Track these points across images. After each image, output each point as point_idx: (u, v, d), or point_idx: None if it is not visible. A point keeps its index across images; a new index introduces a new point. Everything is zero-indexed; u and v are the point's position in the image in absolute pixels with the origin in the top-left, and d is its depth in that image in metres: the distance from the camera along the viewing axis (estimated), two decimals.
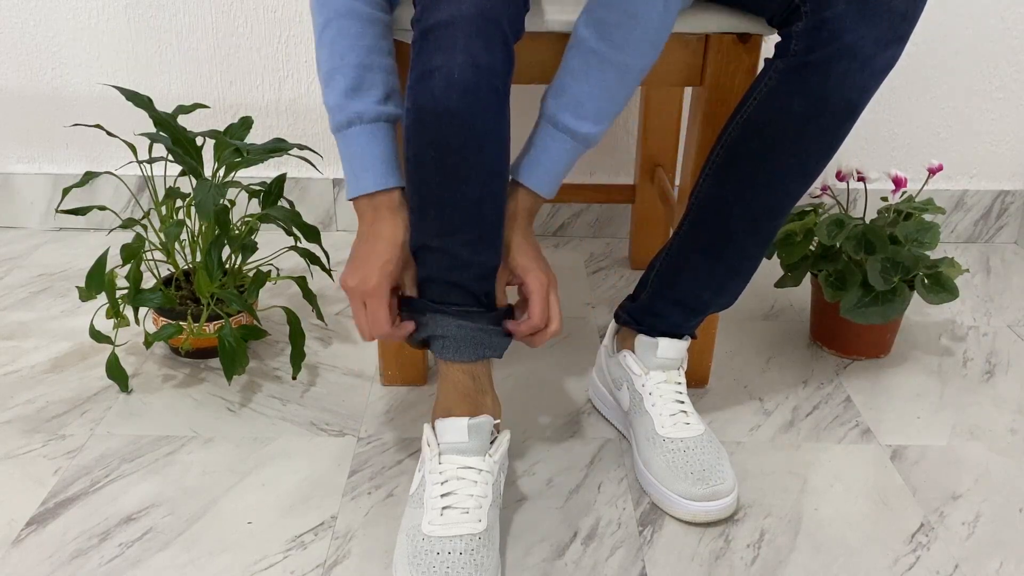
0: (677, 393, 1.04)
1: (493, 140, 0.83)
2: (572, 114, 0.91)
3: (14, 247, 1.62)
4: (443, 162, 0.83)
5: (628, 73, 0.90)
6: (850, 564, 0.92)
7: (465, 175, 0.83)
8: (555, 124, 0.91)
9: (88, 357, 1.26)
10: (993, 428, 1.15)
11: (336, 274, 1.53)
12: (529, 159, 0.93)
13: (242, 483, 1.02)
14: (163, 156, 1.22)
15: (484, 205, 0.86)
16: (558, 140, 0.92)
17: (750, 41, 1.00)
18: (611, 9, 0.88)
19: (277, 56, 1.58)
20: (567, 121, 0.91)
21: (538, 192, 0.94)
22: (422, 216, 0.87)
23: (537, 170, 0.93)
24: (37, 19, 1.56)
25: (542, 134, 0.93)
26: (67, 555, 0.91)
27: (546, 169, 0.93)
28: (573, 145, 0.92)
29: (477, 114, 0.81)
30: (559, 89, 0.91)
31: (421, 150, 0.83)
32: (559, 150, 0.92)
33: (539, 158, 0.93)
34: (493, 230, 0.88)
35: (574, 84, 0.90)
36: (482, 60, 0.80)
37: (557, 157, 0.93)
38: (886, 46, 0.85)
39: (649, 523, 0.97)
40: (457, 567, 0.83)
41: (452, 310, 0.90)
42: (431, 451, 0.91)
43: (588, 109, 0.91)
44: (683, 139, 1.48)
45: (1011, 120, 1.65)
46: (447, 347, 0.92)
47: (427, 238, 0.88)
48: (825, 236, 1.22)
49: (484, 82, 0.80)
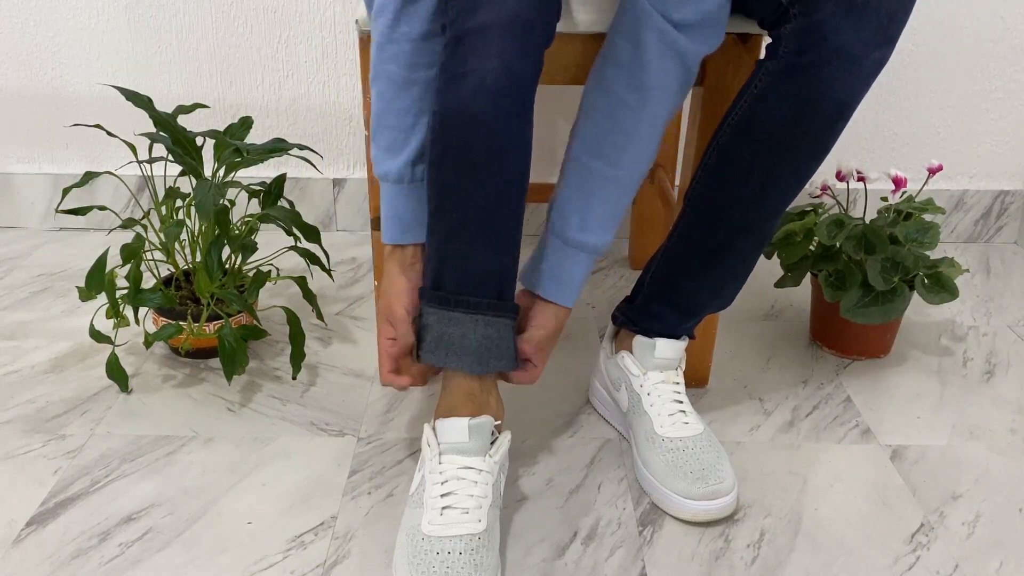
0: (676, 393, 1.04)
1: (517, 145, 0.84)
2: (579, 229, 0.94)
3: (14, 247, 1.63)
4: (466, 165, 0.83)
5: (626, 185, 0.94)
6: (850, 564, 0.92)
7: (487, 179, 0.84)
8: (565, 241, 0.95)
9: (88, 357, 1.26)
10: (993, 428, 1.15)
11: (336, 274, 1.53)
12: (549, 276, 0.97)
13: (242, 483, 1.02)
14: (163, 156, 1.22)
15: (503, 209, 0.86)
16: (571, 255, 0.96)
17: (750, 41, 1.00)
18: (601, 129, 0.92)
19: (277, 56, 1.58)
20: (576, 236, 0.94)
21: (566, 306, 0.97)
22: (440, 216, 0.87)
23: (562, 288, 0.97)
24: (37, 19, 1.56)
25: (556, 251, 0.96)
26: (67, 555, 0.91)
27: (568, 284, 0.97)
28: (587, 256, 0.96)
29: (504, 119, 0.81)
30: (563, 206, 0.95)
31: (445, 152, 0.84)
32: (576, 264, 0.96)
33: (560, 275, 0.96)
34: (510, 234, 0.88)
35: (576, 200, 0.94)
36: (515, 66, 0.80)
37: (575, 271, 0.96)
38: (875, 47, 0.85)
39: (649, 523, 0.97)
40: (457, 567, 0.83)
41: (467, 302, 0.90)
42: (431, 451, 0.91)
43: (593, 222, 0.94)
44: (683, 139, 1.48)
45: (1011, 120, 1.65)
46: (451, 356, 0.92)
47: (446, 240, 0.88)
48: (825, 236, 1.22)
49: (514, 88, 0.80)
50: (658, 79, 0.90)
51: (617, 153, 0.92)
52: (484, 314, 0.90)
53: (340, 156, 1.67)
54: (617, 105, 0.91)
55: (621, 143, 0.92)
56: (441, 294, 0.90)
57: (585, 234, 0.94)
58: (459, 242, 0.87)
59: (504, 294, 0.91)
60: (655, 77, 0.90)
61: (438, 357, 0.92)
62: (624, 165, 0.93)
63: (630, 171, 0.94)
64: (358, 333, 1.34)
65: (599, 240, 0.95)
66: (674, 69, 0.90)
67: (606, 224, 0.95)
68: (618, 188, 0.94)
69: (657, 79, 0.90)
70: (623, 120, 0.91)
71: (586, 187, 0.94)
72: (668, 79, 0.90)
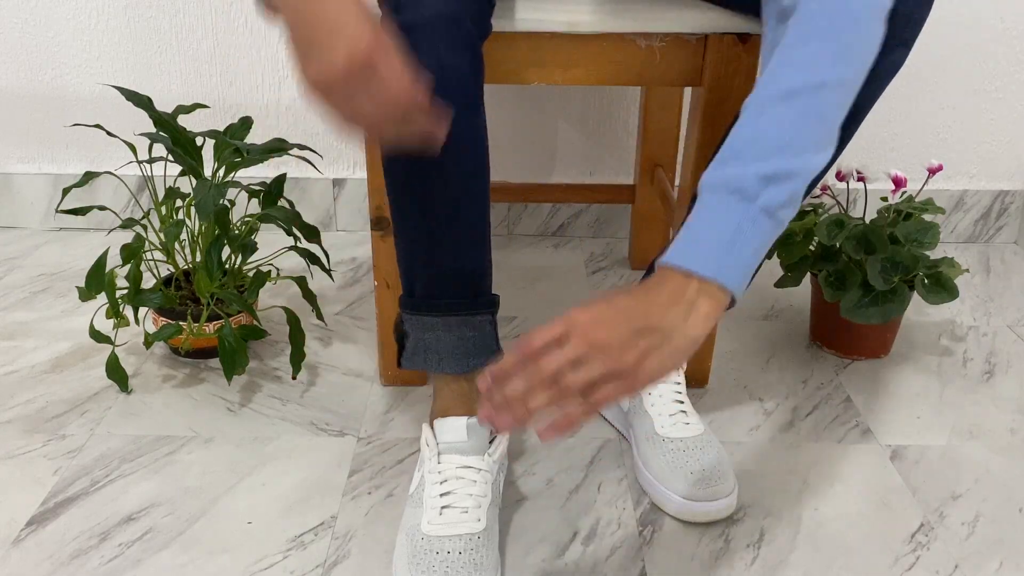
0: (676, 393, 1.04)
1: (468, 140, 0.83)
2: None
3: (14, 247, 1.62)
4: (419, 167, 0.83)
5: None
6: (850, 564, 0.92)
7: (440, 178, 0.83)
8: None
9: (88, 357, 1.26)
10: (993, 428, 1.15)
11: (336, 274, 1.53)
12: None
13: (242, 483, 1.02)
14: (163, 156, 1.22)
15: (463, 206, 0.86)
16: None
17: (750, 41, 1.00)
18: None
19: (277, 56, 1.58)
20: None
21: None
22: (404, 222, 0.87)
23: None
24: (37, 19, 1.56)
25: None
26: (67, 555, 0.91)
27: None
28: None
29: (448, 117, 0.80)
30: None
31: (397, 156, 0.83)
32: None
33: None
34: (476, 231, 0.88)
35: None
36: (447, 62, 0.79)
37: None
38: (891, 50, 0.85)
39: (649, 523, 0.97)
40: (456, 567, 0.83)
41: (438, 305, 0.90)
42: (430, 451, 0.91)
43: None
44: (683, 139, 1.48)
45: (1011, 120, 1.65)
46: (430, 359, 0.92)
47: (411, 243, 0.88)
48: (825, 236, 1.22)
49: (453, 84, 0.80)
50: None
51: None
52: (457, 314, 0.90)
53: (340, 156, 1.67)
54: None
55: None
56: (413, 300, 0.91)
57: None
58: (423, 245, 0.88)
59: (479, 290, 0.91)
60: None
61: (417, 362, 0.93)
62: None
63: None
64: (358, 333, 1.34)
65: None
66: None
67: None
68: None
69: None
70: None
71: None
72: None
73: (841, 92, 0.70)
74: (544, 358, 0.65)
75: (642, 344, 0.65)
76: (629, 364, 0.65)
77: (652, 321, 0.65)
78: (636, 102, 1.61)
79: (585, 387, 0.65)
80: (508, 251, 1.64)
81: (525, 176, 1.68)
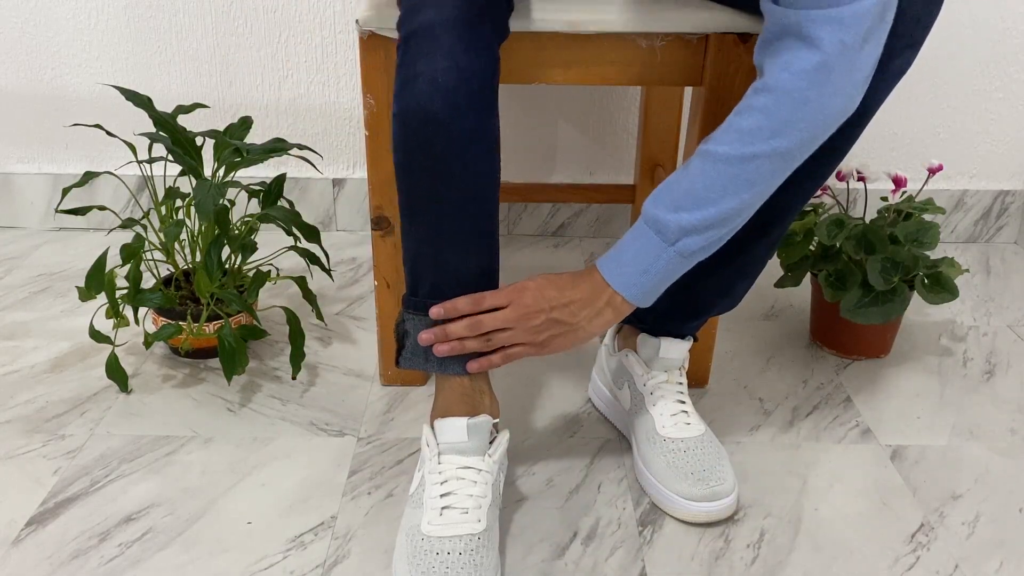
0: (678, 393, 1.04)
1: (479, 142, 0.83)
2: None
3: (14, 247, 1.62)
4: (430, 166, 0.83)
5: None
6: (850, 564, 0.92)
7: (452, 178, 0.83)
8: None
9: (88, 357, 1.26)
10: (993, 428, 1.15)
11: (336, 274, 1.53)
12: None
13: (242, 483, 1.02)
14: (163, 156, 1.22)
15: (471, 207, 0.86)
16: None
17: (750, 41, 1.00)
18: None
19: (277, 56, 1.58)
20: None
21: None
22: (412, 221, 0.87)
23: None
24: (37, 19, 1.56)
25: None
26: (67, 555, 0.91)
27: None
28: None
29: (461, 118, 0.81)
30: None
31: (408, 155, 0.84)
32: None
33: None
34: (483, 233, 0.88)
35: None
36: (464, 63, 0.80)
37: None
38: (900, 51, 0.85)
39: (649, 523, 0.97)
40: (456, 567, 0.83)
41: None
42: (430, 451, 0.91)
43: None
44: (683, 139, 1.48)
45: (1011, 120, 1.65)
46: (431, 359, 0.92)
47: (419, 243, 0.88)
48: (825, 236, 1.22)
49: (467, 85, 0.80)
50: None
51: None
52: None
53: (340, 156, 1.67)
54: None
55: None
56: (416, 299, 0.91)
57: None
58: (431, 245, 0.88)
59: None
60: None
61: (417, 362, 0.93)
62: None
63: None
64: (358, 333, 1.34)
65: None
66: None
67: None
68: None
69: None
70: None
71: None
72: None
73: (777, 160, 0.82)
74: (486, 316, 0.87)
75: (554, 330, 0.89)
76: (539, 340, 0.89)
77: (566, 316, 0.88)
78: (636, 102, 1.61)
79: (505, 344, 0.89)
80: (508, 251, 1.64)
81: (525, 176, 1.68)
